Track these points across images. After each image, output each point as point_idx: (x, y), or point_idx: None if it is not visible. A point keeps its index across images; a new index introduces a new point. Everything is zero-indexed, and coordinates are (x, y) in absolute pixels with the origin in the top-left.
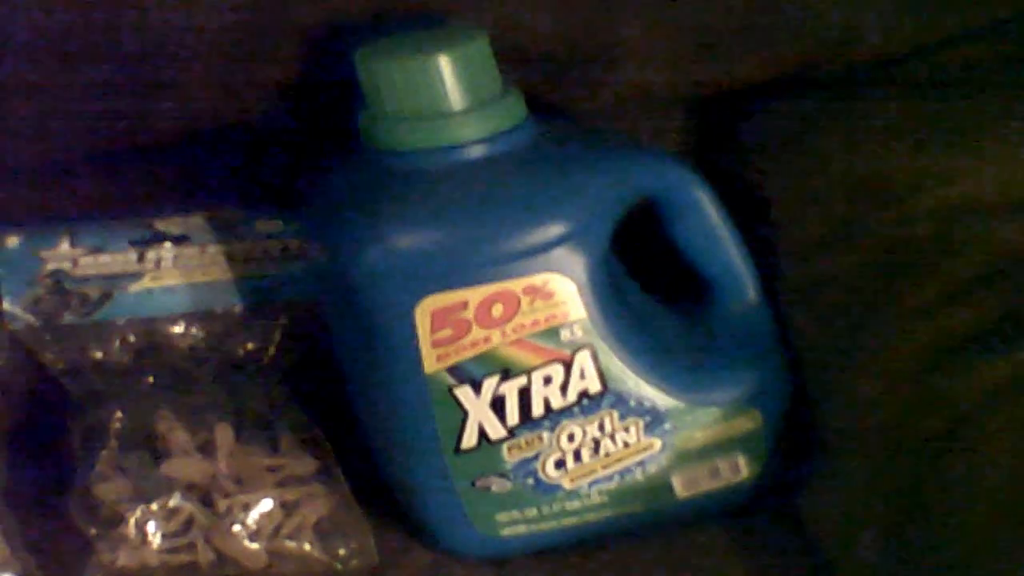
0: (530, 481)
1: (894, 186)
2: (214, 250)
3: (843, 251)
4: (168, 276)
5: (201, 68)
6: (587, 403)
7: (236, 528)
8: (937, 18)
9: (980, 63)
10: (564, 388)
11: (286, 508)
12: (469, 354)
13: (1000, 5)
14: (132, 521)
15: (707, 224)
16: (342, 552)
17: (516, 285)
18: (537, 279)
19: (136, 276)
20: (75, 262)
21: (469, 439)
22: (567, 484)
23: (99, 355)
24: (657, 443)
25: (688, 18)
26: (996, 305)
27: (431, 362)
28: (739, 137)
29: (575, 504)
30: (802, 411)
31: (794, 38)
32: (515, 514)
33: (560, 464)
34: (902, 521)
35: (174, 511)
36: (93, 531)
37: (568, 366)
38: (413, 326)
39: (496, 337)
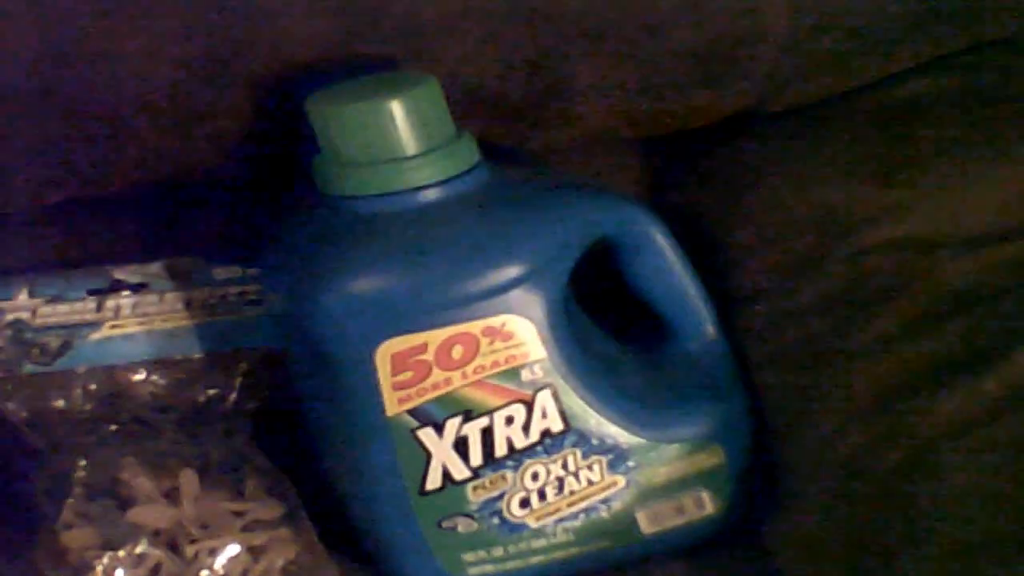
0: (496, 521)
1: (848, 222)
2: (173, 297)
3: (800, 287)
4: (127, 324)
5: (155, 119)
6: (550, 442)
7: (204, 574)
8: (889, 54)
9: (933, 97)
10: (526, 428)
11: (253, 553)
12: (430, 396)
13: (950, 41)
14: (100, 569)
15: (663, 263)
16: None
17: (475, 327)
18: (496, 320)
19: (95, 325)
20: (34, 312)
21: (433, 480)
22: (533, 523)
23: (61, 404)
24: (621, 480)
25: (639, 59)
26: (953, 338)
27: (393, 405)
28: (694, 175)
29: (541, 542)
30: (767, 446)
31: (745, 77)
32: (481, 554)
33: (525, 503)
34: (864, 555)
35: (141, 558)
36: None
37: (530, 406)
38: (373, 370)
39: (457, 379)
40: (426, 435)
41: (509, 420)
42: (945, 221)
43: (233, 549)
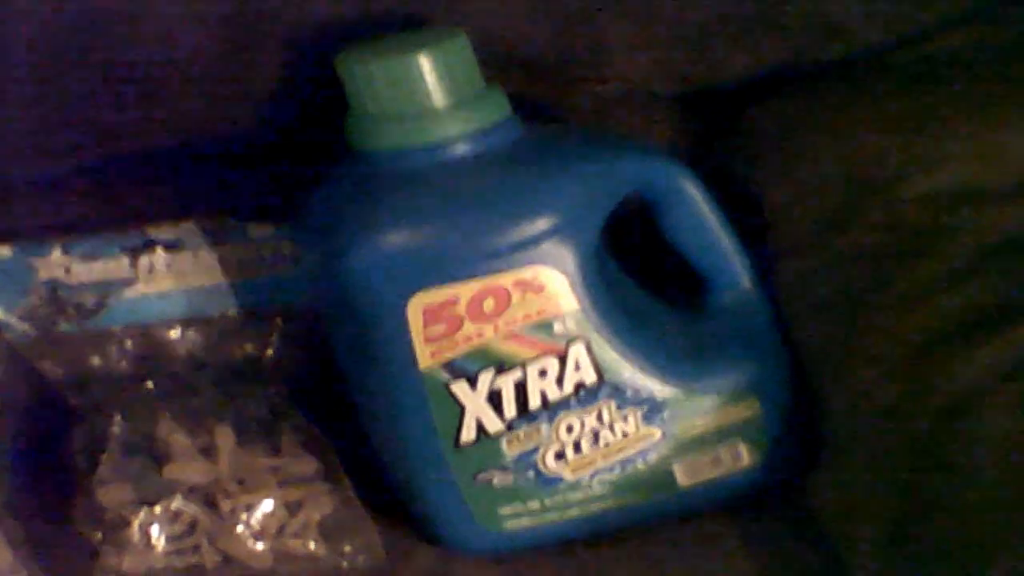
0: (531, 474)
1: (883, 174)
2: (207, 255)
3: (836, 241)
4: (162, 282)
5: (189, 78)
6: (584, 394)
7: (240, 529)
8: (921, 7)
9: (965, 51)
10: (560, 380)
11: (289, 508)
12: (463, 349)
13: None
14: (136, 525)
15: (697, 216)
16: (347, 550)
17: (506, 279)
18: (527, 272)
19: (130, 282)
20: (68, 270)
21: (468, 434)
22: (568, 476)
23: (97, 362)
24: (656, 432)
25: (674, 15)
26: (990, 288)
27: (425, 358)
28: (728, 133)
29: (577, 496)
30: (805, 399)
31: (780, 32)
32: (518, 507)
33: (560, 456)
34: (905, 506)
35: (177, 514)
36: (98, 536)
37: (563, 358)
38: (405, 323)
39: (489, 331)
40: (459, 388)
41: (542, 372)
42: (980, 172)
43: (269, 504)
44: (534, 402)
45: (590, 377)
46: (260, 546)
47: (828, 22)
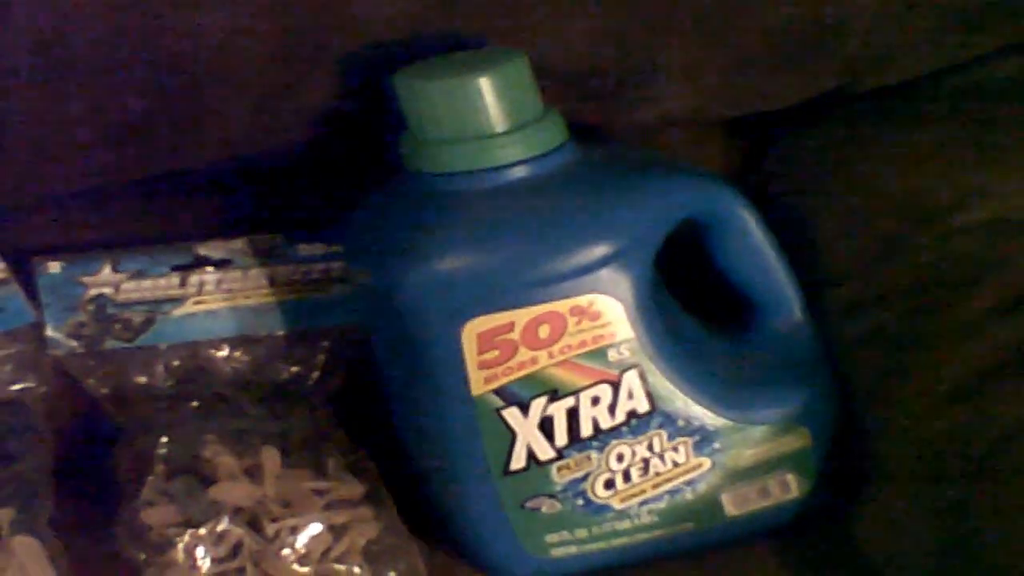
0: (580, 502)
1: (936, 204)
2: (256, 274)
3: (886, 270)
4: (211, 300)
5: (240, 94)
6: (636, 423)
7: (285, 552)
8: (973, 35)
9: (1017, 79)
10: (612, 408)
11: (334, 531)
12: (516, 375)
13: None
14: (181, 546)
15: (751, 244)
16: (391, 575)
17: (562, 306)
18: (583, 300)
19: (178, 301)
20: (117, 287)
21: (518, 460)
22: (617, 504)
23: (143, 380)
24: (706, 462)
25: (727, 39)
26: None
27: (478, 384)
28: (780, 158)
29: (625, 524)
30: (852, 428)
31: (833, 58)
32: (565, 535)
33: (610, 484)
34: (951, 542)
35: (222, 536)
36: (142, 557)
37: (616, 386)
38: (459, 348)
39: (543, 358)
40: (511, 415)
41: (595, 400)
42: None
43: (315, 528)
44: (586, 430)
45: (642, 406)
46: (305, 570)
47: (881, 48)
